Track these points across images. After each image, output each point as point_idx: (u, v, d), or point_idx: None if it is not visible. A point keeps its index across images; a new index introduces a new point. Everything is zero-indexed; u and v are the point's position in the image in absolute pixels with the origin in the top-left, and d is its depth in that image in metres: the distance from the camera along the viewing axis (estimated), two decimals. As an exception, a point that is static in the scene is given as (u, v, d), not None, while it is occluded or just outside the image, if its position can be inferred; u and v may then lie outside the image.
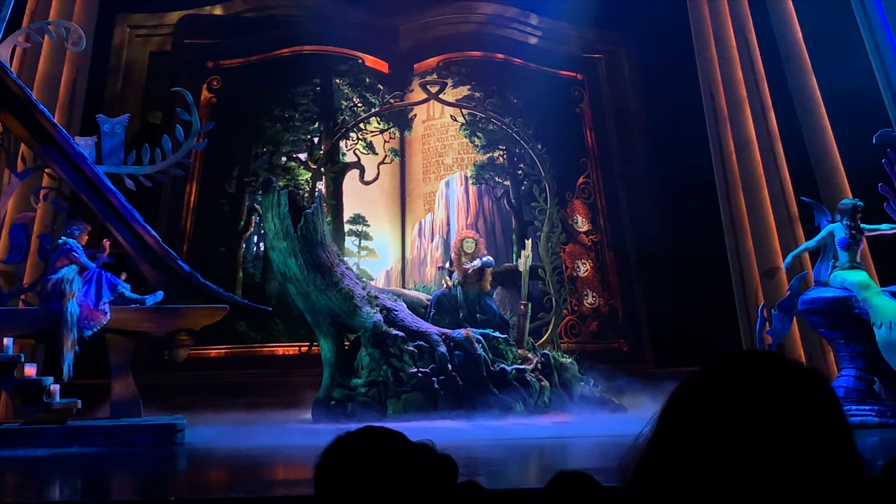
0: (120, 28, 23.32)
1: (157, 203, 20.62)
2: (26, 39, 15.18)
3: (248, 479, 9.49)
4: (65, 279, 13.24)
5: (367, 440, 2.06)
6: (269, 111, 22.49)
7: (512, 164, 22.44)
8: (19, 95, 13.39)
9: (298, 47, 22.94)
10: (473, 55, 23.62)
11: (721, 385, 1.31)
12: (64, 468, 10.71)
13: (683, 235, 20.00)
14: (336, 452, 2.04)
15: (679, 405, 1.34)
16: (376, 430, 2.09)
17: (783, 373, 1.32)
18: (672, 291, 21.77)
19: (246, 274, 21.32)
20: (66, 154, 13.58)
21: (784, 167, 20.49)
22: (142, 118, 22.14)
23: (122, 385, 13.64)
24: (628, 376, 17.55)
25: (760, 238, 20.13)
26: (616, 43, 24.55)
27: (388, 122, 22.85)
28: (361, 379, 15.80)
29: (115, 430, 12.63)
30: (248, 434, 13.13)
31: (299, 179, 21.79)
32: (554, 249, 18.93)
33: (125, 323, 13.56)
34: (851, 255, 14.05)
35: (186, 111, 15.06)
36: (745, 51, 21.42)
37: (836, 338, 14.30)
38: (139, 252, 13.87)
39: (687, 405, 1.33)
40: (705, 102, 21.56)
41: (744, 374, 1.32)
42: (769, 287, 19.45)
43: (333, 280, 16.03)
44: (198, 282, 13.94)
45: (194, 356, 16.29)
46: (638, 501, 1.32)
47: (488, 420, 14.91)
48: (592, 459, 10.84)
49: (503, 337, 16.59)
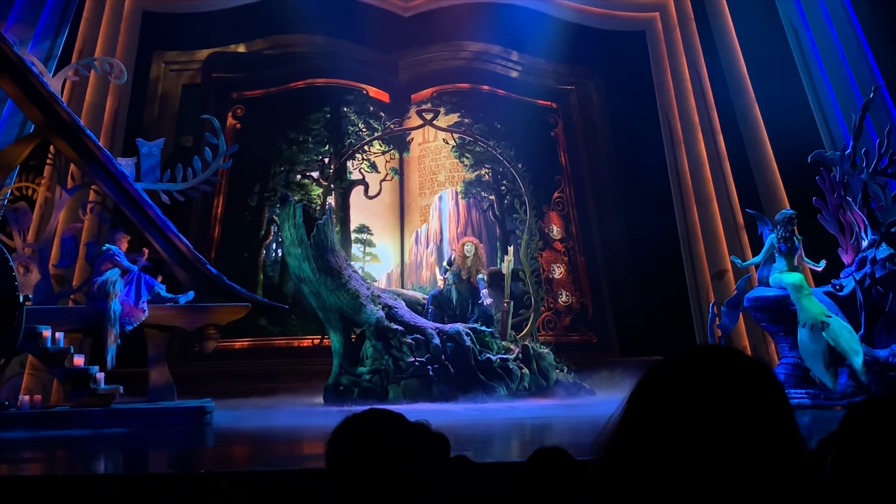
0: (156, 63, 23.28)
1: (189, 215, 20.58)
2: (75, 73, 15.16)
3: (267, 454, 9.47)
4: (108, 281, 13.21)
5: (372, 420, 2.05)
6: (285, 135, 22.46)
7: (496, 181, 22.44)
8: (69, 122, 13.36)
9: (311, 80, 22.93)
10: (463, 87, 23.61)
11: (681, 374, 1.32)
12: (107, 445, 10.69)
13: (644, 242, 20.01)
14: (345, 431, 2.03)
15: (644, 391, 1.35)
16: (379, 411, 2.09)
17: (734, 363, 1.33)
18: (635, 291, 21.79)
19: (266, 276, 21.28)
20: (110, 173, 13.55)
21: (731, 182, 20.57)
22: (175, 142, 22.09)
23: (158, 373, 13.61)
24: (597, 364, 17.57)
25: (711, 244, 20.20)
26: (586, 76, 24.56)
27: (389, 145, 22.84)
28: (366, 367, 15.78)
29: (152, 413, 12.60)
30: (267, 415, 13.13)
31: (312, 194, 21.77)
32: (532, 255, 18.89)
33: (161, 319, 13.53)
34: (789, 260, 14.05)
35: (214, 135, 15.04)
36: (698, 82, 21.51)
37: (776, 331, 14.30)
38: (173, 257, 13.84)
39: (651, 391, 1.34)
40: (663, 126, 21.65)
41: (700, 364, 1.33)
42: (719, 287, 19.51)
43: (342, 281, 16.00)
44: (224, 283, 13.91)
45: (221, 348, 16.25)
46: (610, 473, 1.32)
47: (476, 403, 14.92)
48: (567, 436, 10.84)
49: (489, 330, 16.58)
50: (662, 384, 1.33)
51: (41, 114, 13.35)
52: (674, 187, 21.16)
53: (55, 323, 12.88)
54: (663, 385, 1.33)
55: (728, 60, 21.12)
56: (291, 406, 14.74)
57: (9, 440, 10.78)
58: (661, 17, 22.52)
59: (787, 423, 1.30)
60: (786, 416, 1.30)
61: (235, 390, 15.98)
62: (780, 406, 1.30)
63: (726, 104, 20.92)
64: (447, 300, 17.35)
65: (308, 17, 21.61)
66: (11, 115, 17.10)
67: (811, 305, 13.46)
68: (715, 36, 21.47)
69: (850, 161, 14.47)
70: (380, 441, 2.00)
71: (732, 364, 1.33)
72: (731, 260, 15.27)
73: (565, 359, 17.48)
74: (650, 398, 1.33)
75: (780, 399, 1.32)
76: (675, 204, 21.03)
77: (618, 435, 1.34)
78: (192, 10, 21.66)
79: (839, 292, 13.91)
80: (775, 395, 1.31)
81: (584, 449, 1.50)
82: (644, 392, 1.35)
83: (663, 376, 1.34)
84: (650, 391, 1.34)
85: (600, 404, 14.07)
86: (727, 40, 21.24)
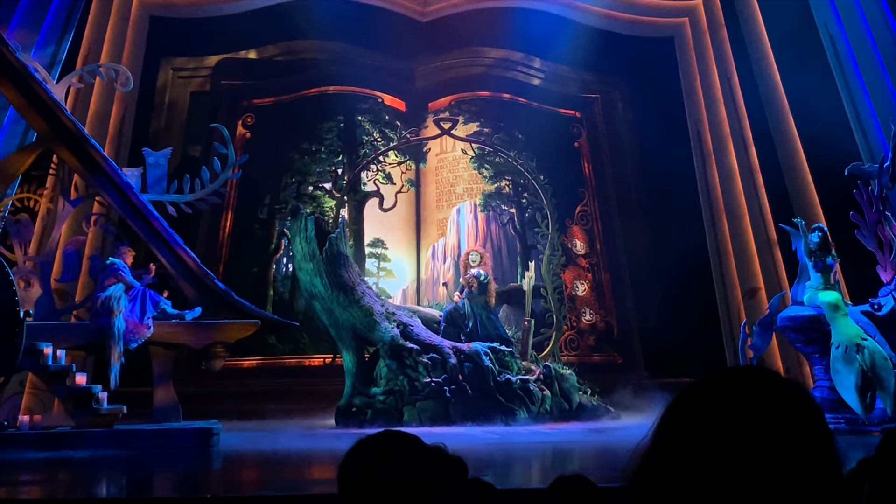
0: (164, 70, 23.46)
1: (196, 228, 20.68)
2: (80, 80, 15.26)
3: (277, 478, 9.46)
4: (112, 297, 13.25)
5: (386, 443, 2.04)
6: (297, 145, 22.54)
7: (517, 193, 22.44)
8: (73, 130, 13.44)
9: (324, 88, 23.03)
10: (482, 95, 23.66)
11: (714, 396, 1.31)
12: (110, 468, 10.69)
13: (672, 258, 19.95)
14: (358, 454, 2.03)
15: (676, 415, 1.34)
16: (394, 433, 2.08)
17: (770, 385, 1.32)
18: (662, 309, 21.70)
19: (276, 292, 21.32)
20: (115, 183, 13.61)
21: (764, 196, 20.48)
22: (183, 151, 22.24)
23: (163, 392, 13.62)
24: (622, 386, 17.49)
25: (742, 260, 20.11)
26: (611, 84, 24.59)
27: (405, 156, 22.89)
28: (380, 388, 15.76)
29: (157, 434, 12.60)
30: (277, 437, 13.12)
31: (324, 207, 21.82)
32: (555, 271, 18.83)
33: (167, 336, 13.55)
34: (825, 277, 13.97)
35: (223, 145, 15.09)
36: (728, 90, 21.47)
37: (811, 352, 14.20)
38: (180, 272, 13.87)
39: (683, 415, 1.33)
40: (692, 137, 21.60)
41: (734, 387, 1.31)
42: (750, 305, 19.41)
43: (355, 298, 16.00)
44: (232, 299, 13.93)
45: (229, 366, 16.28)
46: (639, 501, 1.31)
47: (495, 425, 14.87)
48: (590, 462, 10.79)
49: (509, 350, 16.55)
50: (695, 408, 1.32)
51: (44, 122, 13.43)
52: (703, 201, 21.11)
53: (57, 340, 12.92)
54: (696, 408, 1.31)
55: (760, 67, 21.08)
56: (302, 428, 14.73)
57: (8, 462, 10.80)
58: (691, 22, 22.50)
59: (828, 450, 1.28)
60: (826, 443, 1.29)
61: (243, 411, 15.98)
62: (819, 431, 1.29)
63: (758, 113, 20.86)
64: (461, 315, 17.30)
65: (321, 23, 21.73)
66: (13, 124, 17.24)
67: (846, 326, 13.35)
68: (747, 42, 21.43)
69: (888, 174, 14.38)
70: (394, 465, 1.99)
71: (768, 386, 1.31)
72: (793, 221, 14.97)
73: (589, 380, 17.42)
74: (682, 422, 1.31)
75: (819, 424, 1.30)
76: (705, 218, 20.98)
77: (648, 461, 1.33)
78: (201, 14, 21.79)
79: (878, 312, 13.80)
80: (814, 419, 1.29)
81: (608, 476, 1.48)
82: (675, 416, 1.33)
83: (695, 399, 1.33)
84: (682, 415, 1.33)
85: (626, 429, 14.01)
86: (759, 46, 21.20)
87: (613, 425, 15.38)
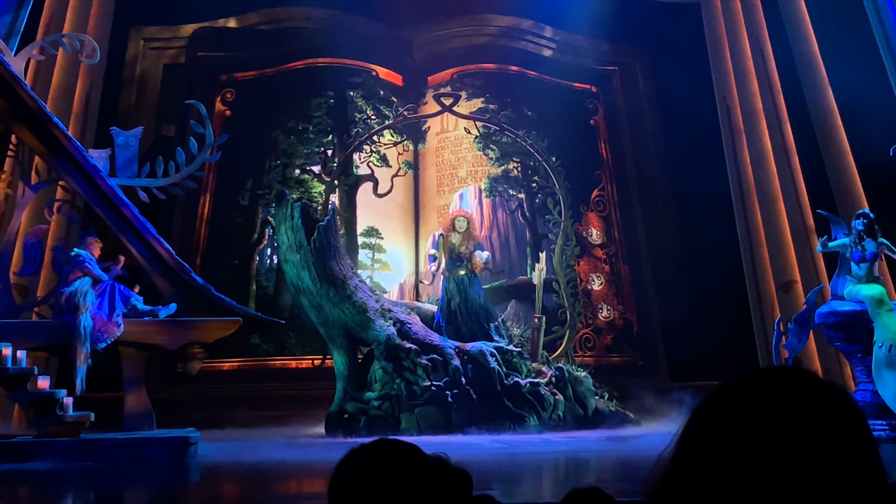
0: (134, 41, 23.41)
1: (171, 216, 20.68)
2: (40, 52, 15.25)
3: (260, 494, 9.48)
4: (78, 292, 13.24)
5: (381, 453, 2.04)
6: (282, 124, 22.52)
7: (526, 176, 22.43)
8: (33, 108, 13.43)
9: (312, 60, 22.99)
10: (487, 67, 23.63)
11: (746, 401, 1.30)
12: (76, 481, 10.72)
13: (699, 248, 19.95)
14: (350, 466, 2.02)
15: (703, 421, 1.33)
16: (390, 442, 2.07)
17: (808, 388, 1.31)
18: (687, 305, 21.71)
19: (259, 286, 21.34)
20: (80, 166, 13.60)
21: (800, 179, 20.46)
22: (155, 131, 22.20)
23: (134, 398, 13.63)
24: (643, 390, 17.49)
25: (776, 251, 20.08)
26: (630, 55, 24.54)
27: (402, 135, 22.86)
28: (374, 392, 15.78)
29: (128, 444, 12.62)
30: (260, 448, 13.13)
31: (313, 192, 21.80)
32: (568, 262, 18.82)
33: (138, 336, 13.56)
34: (868, 269, 13.96)
35: (200, 124, 15.07)
36: (761, 62, 21.42)
37: (853, 352, 14.22)
38: (152, 264, 13.87)
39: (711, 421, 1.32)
40: (720, 114, 21.55)
41: (768, 390, 1.31)
42: (785, 300, 19.40)
43: (347, 293, 16.01)
44: (211, 294, 13.93)
45: (207, 369, 16.30)
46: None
47: (502, 434, 14.89)
48: (607, 474, 10.80)
49: (517, 350, 16.55)
50: (724, 414, 1.31)
51: (1, 99, 13.42)
52: (733, 185, 21.08)
53: (16, 340, 12.91)
54: (725, 415, 1.31)
55: (796, 37, 21.04)
56: (288, 437, 14.75)
57: (-37, 475, 10.82)
58: (719, -14, 22.47)
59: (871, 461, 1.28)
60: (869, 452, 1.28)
61: (223, 418, 16.01)
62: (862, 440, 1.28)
63: (794, 88, 20.84)
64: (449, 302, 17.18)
65: (309, -13, 21.72)
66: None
67: (891, 323, 13.36)
68: (781, 8, 21.40)
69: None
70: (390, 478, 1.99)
71: (806, 390, 1.31)
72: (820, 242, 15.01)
73: (606, 384, 17.43)
74: (710, 430, 1.31)
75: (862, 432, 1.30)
76: (735, 204, 20.95)
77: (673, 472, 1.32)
78: (175, -22, 21.79)
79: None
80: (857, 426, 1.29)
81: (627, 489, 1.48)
82: (703, 423, 1.33)
83: (725, 404, 1.32)
84: (710, 422, 1.32)
85: (647, 437, 14.02)
86: (796, 13, 21.16)
87: (633, 433, 15.38)
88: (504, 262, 21.76)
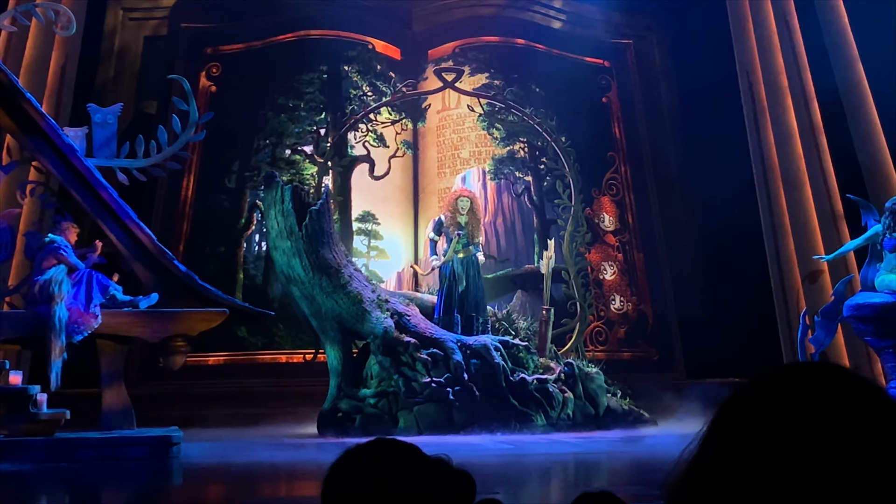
0: (112, 11, 23.40)
1: (152, 199, 20.69)
2: (12, 22, 15.21)
3: (248, 497, 9.49)
4: (53, 280, 13.22)
5: (378, 454, 2.03)
6: (272, 100, 22.51)
7: (533, 157, 22.44)
8: (4, 82, 13.41)
9: (304, 32, 22.97)
10: (492, 40, 23.62)
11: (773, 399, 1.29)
12: (50, 483, 10.73)
13: (719, 235, 19.95)
14: (344, 467, 2.02)
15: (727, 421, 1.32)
16: (387, 442, 2.07)
17: (840, 384, 1.30)
18: (706, 296, 21.73)
19: (247, 275, 21.36)
20: (55, 146, 13.58)
21: (828, 161, 20.44)
22: (136, 107, 22.22)
23: (113, 394, 13.63)
24: (659, 387, 17.51)
25: (802, 238, 20.07)
26: (646, 27, 24.54)
27: (400, 113, 22.86)
28: (370, 389, 15.79)
29: (106, 443, 12.63)
30: (248, 448, 13.15)
31: (304, 174, 21.81)
32: (578, 250, 18.84)
33: (117, 327, 13.55)
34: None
35: (184, 100, 15.04)
36: (787, 35, 21.38)
37: (884, 346, 14.23)
38: (132, 251, 13.85)
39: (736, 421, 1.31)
40: (743, 91, 21.53)
41: (798, 386, 1.30)
42: (812, 291, 19.40)
43: (341, 282, 16.01)
44: (195, 283, 13.92)
45: (191, 364, 16.30)
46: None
47: (507, 434, 14.91)
48: (620, 477, 10.82)
49: (524, 344, 16.55)
50: (750, 412, 1.30)
51: (-30, 73, 13.41)
52: (755, 167, 21.07)
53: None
54: (751, 413, 1.30)
55: (825, 7, 21.01)
56: (278, 437, 14.78)
57: (-71, 476, 10.85)
58: (742, -47, 22.43)
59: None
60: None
61: (209, 417, 16.04)
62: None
63: (822, 62, 20.81)
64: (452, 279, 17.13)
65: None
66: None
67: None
68: (808, -23, 21.38)
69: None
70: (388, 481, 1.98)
71: (838, 386, 1.30)
72: (815, 259, 15.16)
73: (619, 380, 17.45)
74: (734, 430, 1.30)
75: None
76: (758, 187, 20.95)
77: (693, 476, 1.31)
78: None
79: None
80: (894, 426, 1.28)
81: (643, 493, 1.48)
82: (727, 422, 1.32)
83: (751, 402, 1.32)
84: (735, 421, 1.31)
85: (663, 437, 14.04)
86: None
87: (648, 433, 15.42)
88: (510, 250, 21.78)
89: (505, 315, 18.18)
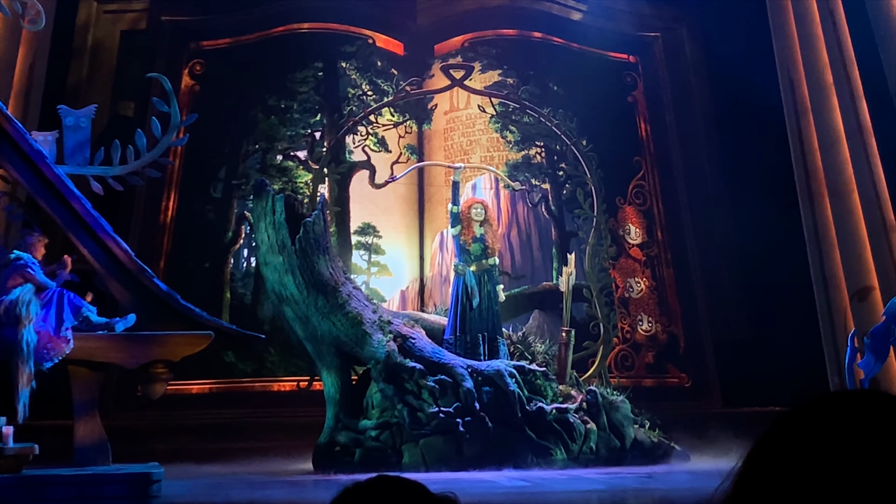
0: (86, 3, 23.50)
1: (130, 210, 20.72)
2: (-25, 16, 15.29)
3: (236, 540, 9.51)
4: (20, 301, 13.23)
5: (379, 492, 2.04)
6: (262, 101, 22.59)
7: (551, 163, 22.48)
8: (-33, 82, 13.47)
9: (296, 25, 23.05)
10: (506, 34, 23.68)
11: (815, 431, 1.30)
12: (18, 526, 10.74)
13: (758, 248, 19.96)
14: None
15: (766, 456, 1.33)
16: (390, 479, 2.07)
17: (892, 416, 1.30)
18: (744, 315, 21.72)
19: (234, 294, 21.39)
20: (22, 152, 13.61)
21: (878, 166, 20.44)
22: (111, 109, 22.28)
23: (87, 427, 13.64)
24: (691, 417, 17.50)
25: (850, 251, 20.06)
26: (676, 19, 24.59)
27: (404, 114, 22.92)
28: (372, 420, 15.79)
29: (79, 481, 12.63)
30: (236, 486, 13.16)
31: (298, 182, 21.88)
32: (602, 265, 18.83)
33: (91, 353, 13.56)
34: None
35: (164, 101, 15.09)
36: (831, 28, 21.40)
37: (941, 372, 14.22)
38: (108, 268, 13.87)
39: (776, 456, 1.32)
40: (783, 89, 21.55)
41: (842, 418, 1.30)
42: (861, 310, 19.38)
43: (338, 302, 16.03)
44: (177, 304, 13.94)
45: (173, 392, 16.34)
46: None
47: (523, 469, 14.90)
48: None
49: (541, 370, 16.54)
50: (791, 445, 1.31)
51: (-71, 72, 13.48)
52: (798, 173, 21.09)
53: (-53, 357, 12.96)
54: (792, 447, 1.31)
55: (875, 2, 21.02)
56: (269, 473, 14.79)
57: None
58: (781, -63, 22.49)
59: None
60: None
61: (192, 451, 16.03)
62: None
63: (871, 59, 20.81)
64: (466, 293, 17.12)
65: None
66: None
67: None
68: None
69: None
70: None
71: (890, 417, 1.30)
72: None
73: (647, 409, 17.43)
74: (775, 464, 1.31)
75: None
76: (800, 196, 20.96)
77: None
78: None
79: None
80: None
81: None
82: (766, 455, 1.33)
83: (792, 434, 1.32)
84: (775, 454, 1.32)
85: (695, 473, 14.02)
86: (873, -31, 21.16)
87: (679, 469, 15.40)
88: (525, 266, 21.80)
89: (521, 338, 18.14)
